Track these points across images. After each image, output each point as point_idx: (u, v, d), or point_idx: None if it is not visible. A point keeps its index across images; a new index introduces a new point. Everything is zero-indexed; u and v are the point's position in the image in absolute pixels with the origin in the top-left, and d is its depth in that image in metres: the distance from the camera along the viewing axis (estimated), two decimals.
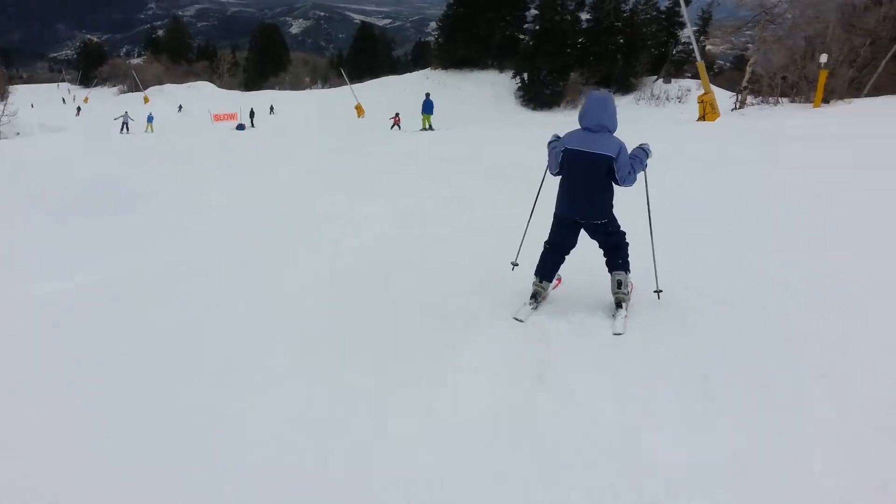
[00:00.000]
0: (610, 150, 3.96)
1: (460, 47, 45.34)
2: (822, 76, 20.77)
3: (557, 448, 2.72)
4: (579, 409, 3.00)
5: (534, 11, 45.72)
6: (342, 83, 49.69)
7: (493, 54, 45.49)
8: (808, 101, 22.82)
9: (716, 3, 46.59)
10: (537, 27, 43.76)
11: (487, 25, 44.73)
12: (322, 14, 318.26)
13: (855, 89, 24.15)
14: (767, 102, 25.66)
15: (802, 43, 25.97)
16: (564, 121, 34.22)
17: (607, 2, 42.22)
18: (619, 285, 4.25)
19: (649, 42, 43.05)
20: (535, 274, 4.48)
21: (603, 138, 4.02)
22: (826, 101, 21.34)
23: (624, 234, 4.31)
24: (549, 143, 4.41)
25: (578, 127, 4.14)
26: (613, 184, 4.12)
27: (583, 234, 4.31)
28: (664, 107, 38.03)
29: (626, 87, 41.65)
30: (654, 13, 45.02)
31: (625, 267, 4.29)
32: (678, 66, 44.62)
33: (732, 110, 25.69)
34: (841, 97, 22.29)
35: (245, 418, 3.05)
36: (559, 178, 4.30)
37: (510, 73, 43.47)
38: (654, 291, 4.38)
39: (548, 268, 4.47)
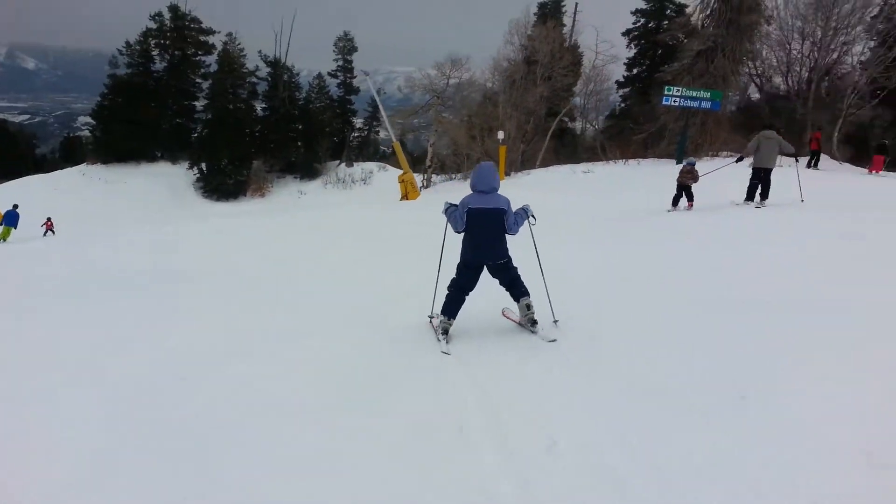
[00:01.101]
0: (503, 205, 5.23)
1: (122, 139, 40.28)
2: (502, 151, 22.95)
3: None
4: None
5: (203, 101, 43.56)
6: None
7: (163, 145, 41.60)
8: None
9: (382, 91, 50.30)
10: (210, 116, 41.59)
11: (152, 115, 40.91)
12: None
13: (525, 161, 27.36)
14: (453, 179, 27.48)
15: (477, 122, 28.72)
16: (253, 210, 32.45)
17: (280, 91, 42.22)
18: (528, 308, 5.32)
19: (327, 129, 44.00)
20: (443, 313, 5.31)
21: (495, 197, 5.24)
22: (507, 173, 23.57)
23: (517, 268, 5.42)
24: (446, 210, 5.43)
25: (470, 192, 5.32)
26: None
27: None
28: (351, 189, 38.81)
29: (311, 173, 41.64)
30: (328, 102, 46.48)
31: (527, 293, 5.37)
32: (357, 151, 46.45)
33: (423, 188, 26.90)
34: (517, 170, 24.94)
35: None
36: (463, 234, 5.29)
37: (185, 164, 40.04)
38: (553, 321, 5.42)
39: (455, 307, 5.33)
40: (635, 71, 46.05)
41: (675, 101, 25.91)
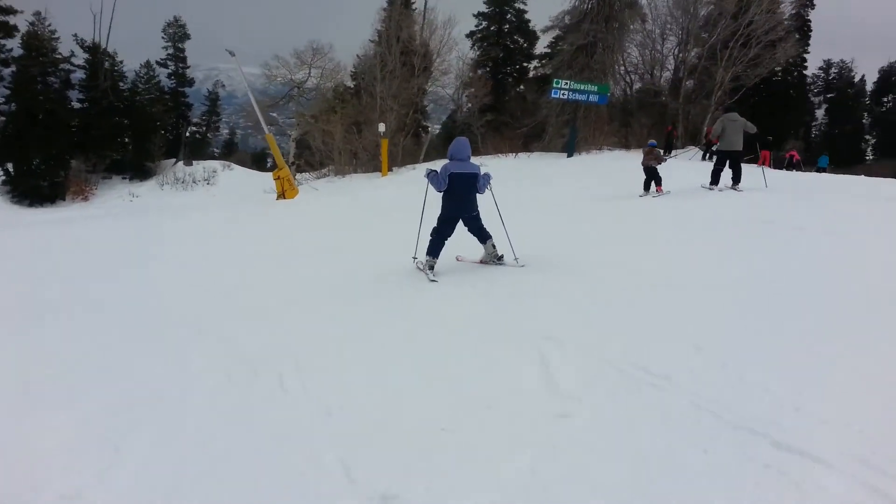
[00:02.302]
0: (477, 170, 6.99)
1: None
2: (384, 145, 21.82)
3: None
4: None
5: (4, 90, 37.62)
6: None
7: None
8: (375, 170, 23.78)
9: (220, 84, 46.92)
10: (13, 108, 35.97)
11: None
12: None
13: (405, 157, 26.47)
14: (327, 176, 26.04)
15: (349, 114, 27.21)
16: (73, 216, 28.38)
17: (101, 80, 37.66)
18: (493, 247, 7.27)
19: (158, 123, 39.99)
20: (428, 254, 7.02)
21: (471, 164, 6.99)
22: (390, 169, 22.53)
23: (481, 219, 7.23)
24: (428, 174, 7.05)
25: (447, 160, 6.98)
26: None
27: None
28: (193, 190, 35.77)
29: (142, 173, 37.71)
30: (158, 93, 42.31)
31: (490, 236, 7.25)
32: (195, 148, 42.87)
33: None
34: (398, 164, 23.96)
35: None
36: (443, 193, 6.95)
37: None
38: (514, 259, 7.20)
39: (438, 249, 7.05)
40: (479, 72, 47.07)
41: (563, 94, 26.36)
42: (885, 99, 60.38)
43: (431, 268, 6.95)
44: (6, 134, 35.18)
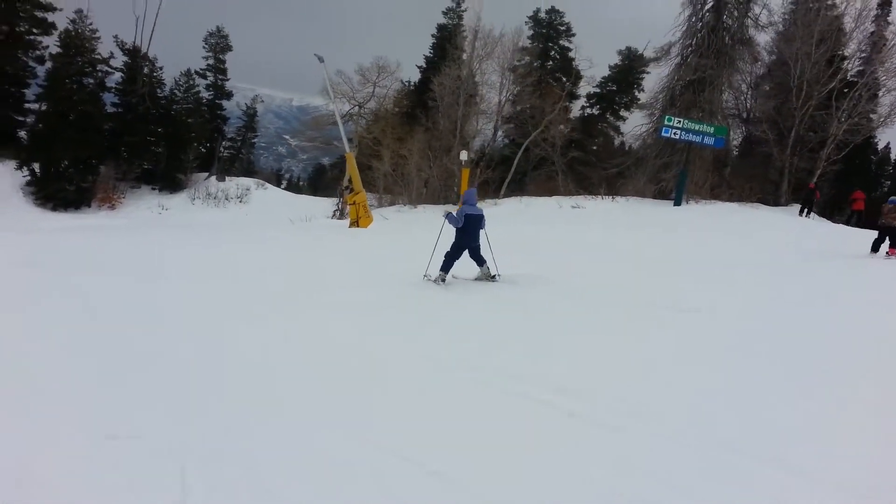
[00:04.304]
0: (482, 213, 9.39)
1: None
2: (465, 175, 19.94)
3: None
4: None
5: (37, 88, 35.75)
6: None
7: None
8: (445, 201, 21.99)
9: (258, 99, 45.26)
10: (46, 107, 34.04)
11: None
12: None
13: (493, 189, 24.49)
14: (401, 206, 24.03)
15: (426, 139, 25.36)
16: (101, 223, 26.29)
17: (139, 85, 35.91)
18: (488, 269, 9.43)
19: (194, 134, 38.14)
20: (441, 270, 9.09)
21: (478, 208, 9.35)
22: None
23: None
24: (446, 215, 9.31)
25: (465, 204, 9.29)
26: None
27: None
28: (225, 208, 33.77)
29: (173, 185, 35.74)
30: (196, 104, 40.49)
31: (485, 261, 9.41)
32: (229, 163, 40.99)
33: (336, 215, 23.12)
34: (485, 195, 22.04)
35: None
36: (459, 229, 9.07)
37: (12, 164, 32.00)
38: (495, 275, 9.45)
39: (449, 267, 9.12)
40: (519, 108, 45.46)
41: (675, 134, 23.63)
42: None
43: (444, 280, 9.05)
44: (36, 133, 33.27)
